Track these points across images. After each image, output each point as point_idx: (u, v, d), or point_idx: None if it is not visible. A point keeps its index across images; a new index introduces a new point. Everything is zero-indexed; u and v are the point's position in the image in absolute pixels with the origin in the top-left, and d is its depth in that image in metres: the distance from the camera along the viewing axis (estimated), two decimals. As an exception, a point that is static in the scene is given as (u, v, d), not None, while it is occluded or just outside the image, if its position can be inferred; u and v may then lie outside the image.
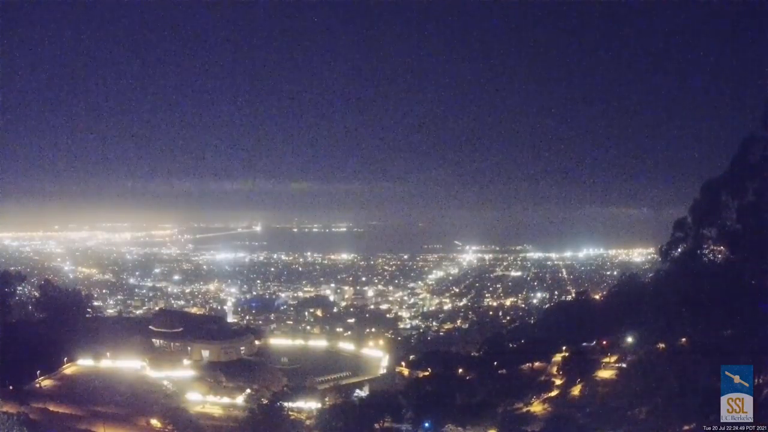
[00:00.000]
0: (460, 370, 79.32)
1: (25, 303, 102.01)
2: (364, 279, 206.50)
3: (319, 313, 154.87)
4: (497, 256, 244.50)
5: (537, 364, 77.32)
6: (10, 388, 61.16)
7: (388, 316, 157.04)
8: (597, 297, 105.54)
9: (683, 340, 58.40)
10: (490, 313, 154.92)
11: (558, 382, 70.40)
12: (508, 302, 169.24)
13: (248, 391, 77.13)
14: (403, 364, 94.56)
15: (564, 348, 77.15)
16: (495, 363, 78.68)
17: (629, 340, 69.01)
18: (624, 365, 67.30)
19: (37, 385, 68.41)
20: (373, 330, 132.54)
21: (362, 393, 76.67)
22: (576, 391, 66.06)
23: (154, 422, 60.78)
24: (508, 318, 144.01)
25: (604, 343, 76.59)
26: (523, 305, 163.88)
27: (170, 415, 61.82)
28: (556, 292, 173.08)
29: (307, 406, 70.88)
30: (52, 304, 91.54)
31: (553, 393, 67.43)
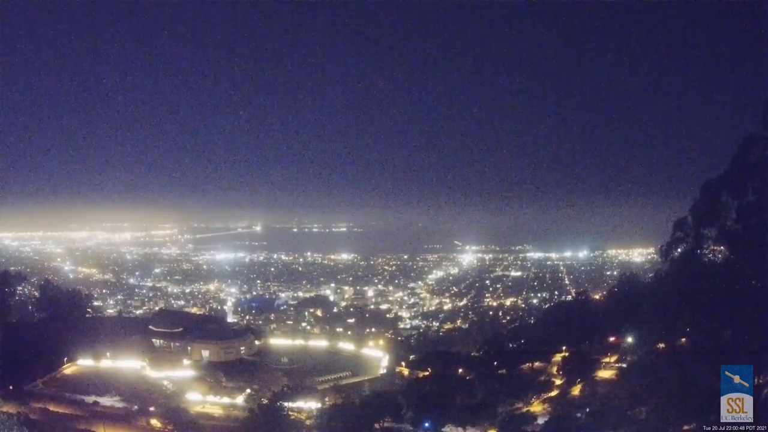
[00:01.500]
0: (460, 370, 79.25)
1: (25, 303, 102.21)
2: (364, 279, 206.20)
3: (319, 313, 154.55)
4: (497, 256, 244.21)
5: (537, 364, 77.26)
6: (10, 388, 61.22)
7: (388, 316, 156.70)
8: (597, 297, 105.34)
9: (683, 340, 58.48)
10: (490, 313, 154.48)
11: (558, 382, 70.37)
12: (508, 302, 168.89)
13: (248, 391, 77.28)
14: (403, 364, 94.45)
15: (564, 348, 77.09)
16: (495, 363, 78.57)
17: (629, 340, 69.03)
18: (624, 365, 67.30)
19: (37, 385, 68.41)
20: (373, 330, 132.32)
21: (362, 393, 76.65)
22: (576, 391, 66.05)
23: (154, 422, 60.85)
24: (508, 318, 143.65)
25: (604, 343, 76.54)
26: (523, 305, 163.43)
27: (170, 415, 61.91)
28: (556, 292, 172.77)
29: (307, 406, 70.84)
30: (52, 304, 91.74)
31: (553, 393, 67.42)
